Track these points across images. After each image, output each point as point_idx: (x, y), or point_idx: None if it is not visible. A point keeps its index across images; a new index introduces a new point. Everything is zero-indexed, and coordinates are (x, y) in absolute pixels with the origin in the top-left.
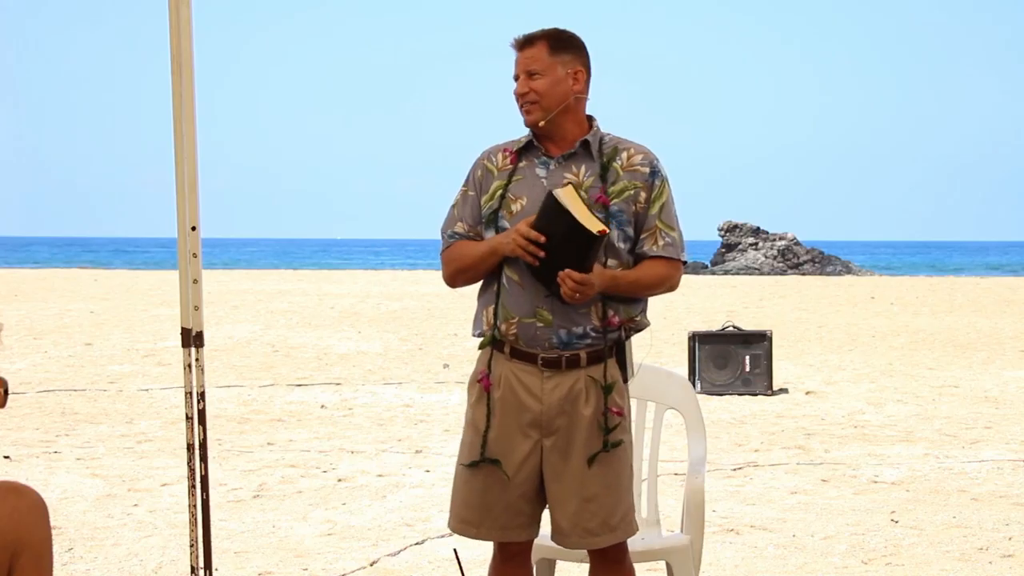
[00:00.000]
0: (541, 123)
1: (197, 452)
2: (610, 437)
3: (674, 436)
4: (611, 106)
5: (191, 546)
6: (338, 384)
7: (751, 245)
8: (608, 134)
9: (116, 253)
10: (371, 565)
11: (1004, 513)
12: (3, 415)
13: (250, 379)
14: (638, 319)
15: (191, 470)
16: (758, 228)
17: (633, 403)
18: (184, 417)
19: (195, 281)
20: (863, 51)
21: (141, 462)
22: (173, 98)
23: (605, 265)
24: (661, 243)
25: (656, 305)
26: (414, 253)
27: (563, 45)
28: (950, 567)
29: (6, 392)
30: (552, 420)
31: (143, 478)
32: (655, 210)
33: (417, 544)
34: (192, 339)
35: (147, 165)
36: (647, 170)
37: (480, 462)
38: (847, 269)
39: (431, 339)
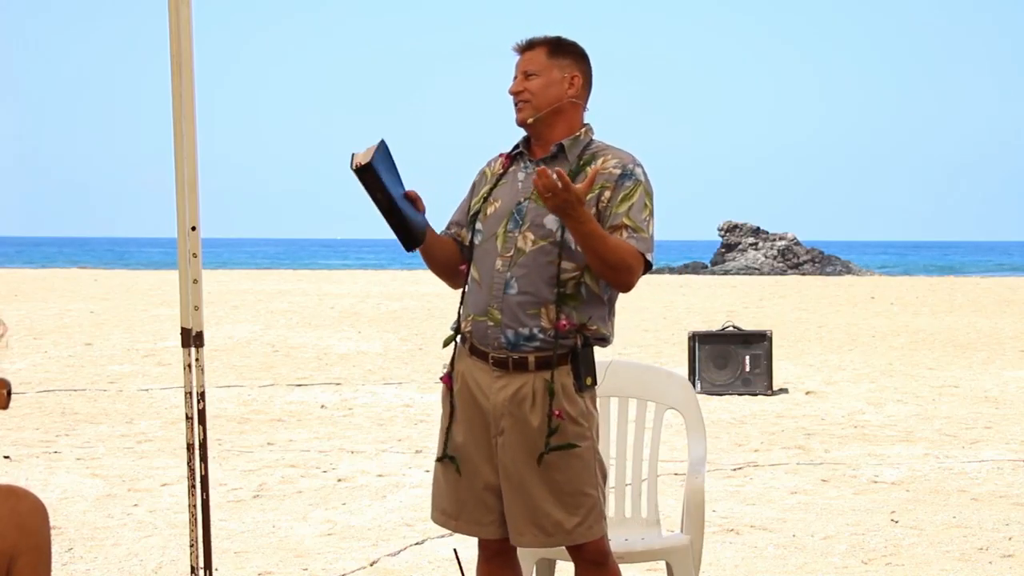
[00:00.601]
0: (530, 120)
1: (197, 452)
2: (552, 439)
3: (674, 436)
4: (611, 106)
5: (191, 546)
6: (338, 384)
7: (751, 245)
8: (600, 143)
9: (117, 254)
10: (371, 565)
11: (1004, 513)
12: (3, 415)
13: (250, 379)
14: (592, 327)
15: (191, 470)
16: (758, 228)
17: (633, 403)
18: (184, 417)
19: (195, 281)
20: (863, 51)
21: (141, 462)
22: (173, 98)
23: (559, 268)
24: (626, 236)
25: (656, 306)
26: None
27: (562, 50)
28: (950, 567)
29: (9, 394)
30: (499, 420)
31: (143, 478)
32: (622, 208)
33: (417, 544)
34: (192, 339)
35: (147, 165)
36: (617, 172)
37: (443, 458)
38: (847, 269)
39: (431, 339)
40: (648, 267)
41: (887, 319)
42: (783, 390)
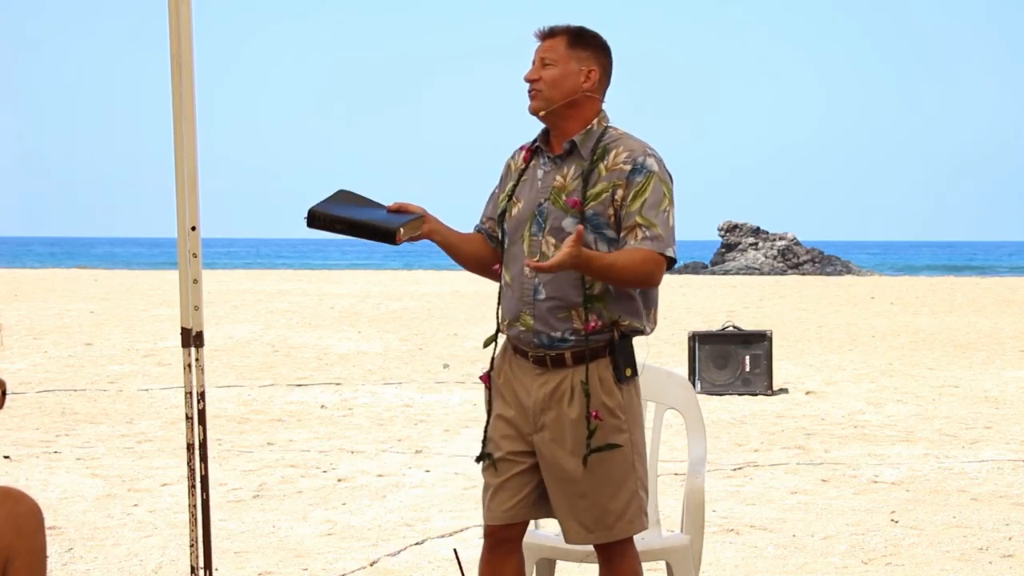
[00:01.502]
0: (542, 112)
1: (197, 452)
2: (592, 440)
3: (674, 436)
4: (612, 106)
5: (191, 546)
6: (338, 384)
7: (751, 245)
8: (615, 132)
9: (116, 254)
10: (371, 565)
11: (1004, 513)
12: (3, 415)
13: (250, 379)
14: (624, 323)
15: (191, 470)
16: (758, 228)
17: None
18: (184, 417)
19: (195, 281)
20: (863, 51)
21: (141, 462)
22: (173, 98)
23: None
24: (640, 236)
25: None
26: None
27: (583, 42)
28: (950, 567)
29: (4, 394)
30: (539, 416)
31: (143, 478)
32: (635, 206)
33: (417, 544)
34: (192, 339)
35: (147, 165)
36: (628, 167)
37: (482, 458)
38: (847, 269)
39: (431, 339)
40: (672, 263)
41: (887, 319)
42: (783, 390)
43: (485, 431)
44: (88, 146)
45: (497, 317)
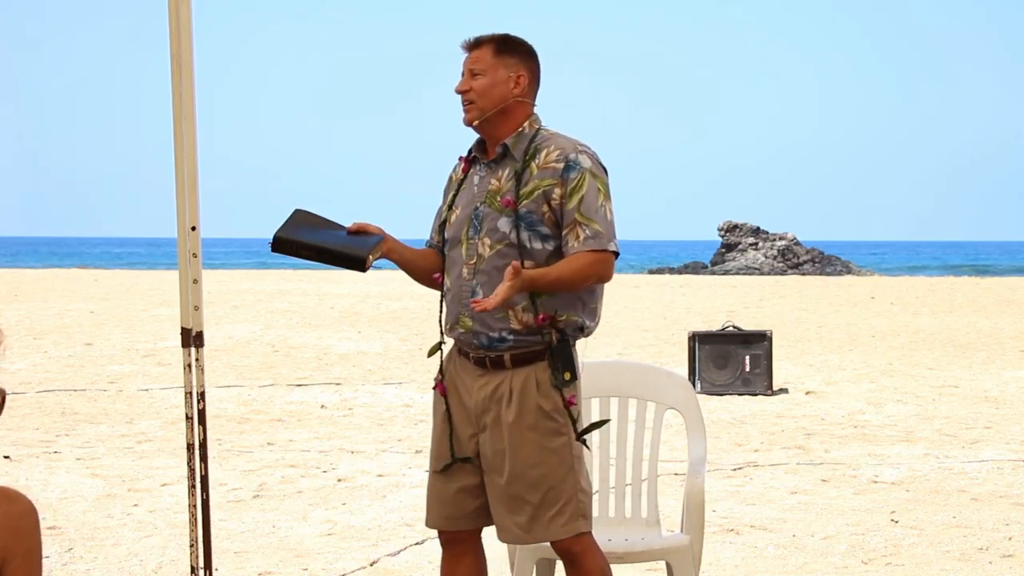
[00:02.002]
0: (476, 122)
1: (197, 452)
2: (525, 437)
3: (674, 436)
4: (611, 106)
5: (191, 546)
6: (338, 384)
7: (751, 245)
8: (546, 132)
9: (116, 254)
10: (371, 565)
11: (1004, 513)
12: (3, 415)
13: (250, 379)
14: (562, 317)
15: (191, 470)
16: (758, 228)
17: (633, 403)
18: (184, 417)
19: (195, 281)
20: (863, 51)
21: (141, 462)
22: (173, 98)
23: (523, 266)
24: (582, 236)
25: (656, 306)
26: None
27: (509, 49)
28: (950, 567)
29: (2, 401)
30: (480, 417)
31: (143, 478)
32: (573, 204)
33: (417, 544)
34: (192, 339)
35: (147, 165)
36: (561, 165)
37: (453, 463)
38: (847, 269)
39: (431, 339)
40: (616, 255)
41: (887, 319)
42: (783, 390)
43: (451, 439)
44: (88, 146)
45: (440, 324)
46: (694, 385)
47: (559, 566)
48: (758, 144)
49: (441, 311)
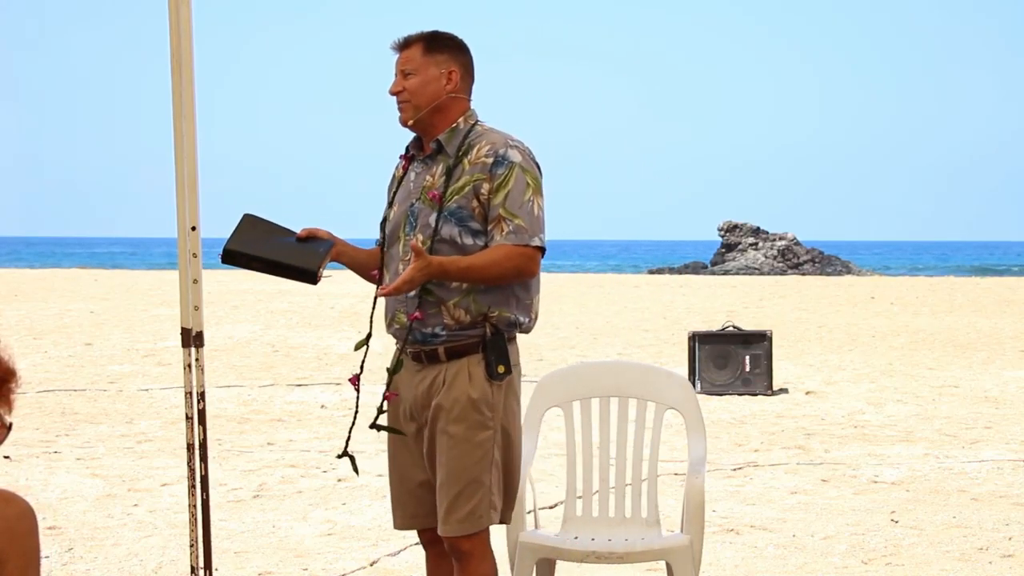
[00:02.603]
0: (410, 121)
1: (197, 452)
2: (450, 428)
3: (674, 436)
4: (611, 105)
5: (191, 546)
6: (338, 384)
7: (751, 245)
8: (481, 128)
9: (116, 254)
10: (371, 565)
11: (1004, 513)
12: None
13: (250, 379)
14: (494, 314)
15: (191, 470)
16: (758, 228)
17: (633, 403)
18: (184, 417)
19: (195, 281)
20: (863, 51)
21: (141, 462)
22: (173, 98)
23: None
24: (504, 231)
25: (656, 306)
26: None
27: (438, 46)
28: (950, 567)
29: (8, 429)
30: (420, 411)
31: (143, 478)
32: (499, 198)
33: (417, 544)
34: (192, 339)
35: (147, 165)
36: (490, 160)
37: (343, 456)
38: (847, 269)
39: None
40: (541, 251)
41: (887, 319)
42: (783, 390)
43: (350, 432)
44: (88, 146)
45: (371, 320)
46: (694, 385)
47: (559, 566)
48: (758, 144)
49: (373, 308)
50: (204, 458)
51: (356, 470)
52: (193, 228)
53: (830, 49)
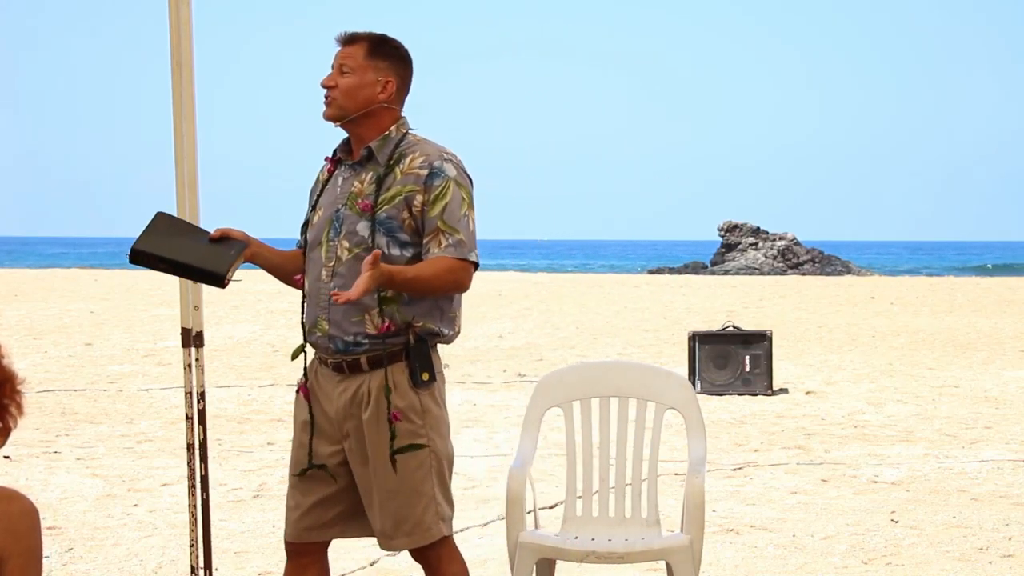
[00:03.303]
0: (336, 123)
1: (197, 452)
2: (394, 443)
3: (674, 436)
4: (611, 105)
5: (191, 546)
6: None
7: (751, 245)
8: (413, 138)
9: (116, 254)
10: (371, 565)
11: (1004, 513)
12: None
13: (250, 379)
14: (419, 323)
15: (191, 470)
16: (758, 228)
17: (633, 403)
18: (184, 417)
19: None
20: (863, 52)
21: (141, 462)
22: (173, 98)
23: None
24: (444, 244)
25: (656, 306)
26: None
27: (382, 52)
28: (950, 567)
29: (8, 434)
30: (343, 424)
31: (143, 478)
32: (436, 211)
33: None
34: (192, 339)
35: (147, 165)
36: (425, 172)
37: (308, 469)
38: (847, 269)
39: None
40: (476, 266)
41: (887, 319)
42: (783, 390)
43: (310, 443)
44: (88, 146)
45: (303, 326)
46: (694, 385)
47: (559, 566)
48: (758, 144)
49: (302, 312)
50: (204, 458)
51: (333, 477)
52: None
53: (830, 49)
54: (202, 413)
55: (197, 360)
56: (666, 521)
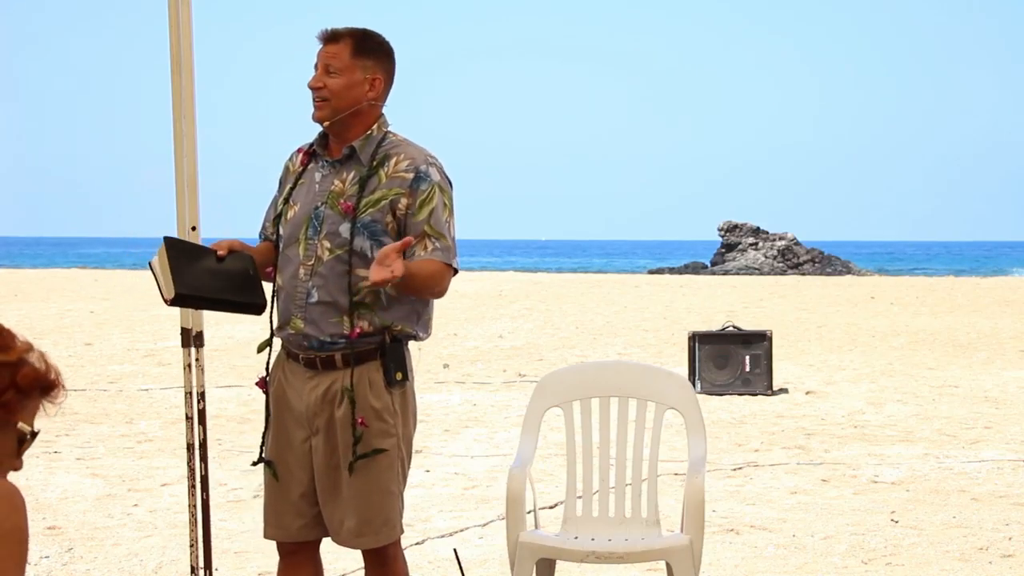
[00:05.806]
0: (326, 122)
1: (197, 452)
2: (358, 447)
3: (674, 436)
4: (611, 105)
5: (191, 546)
6: None
7: (751, 245)
8: (395, 138)
9: (116, 255)
10: None
11: (1004, 513)
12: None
13: (250, 379)
14: (397, 328)
15: (191, 470)
16: (758, 228)
17: (633, 403)
18: (184, 417)
19: None
20: (863, 51)
21: (141, 462)
22: (173, 98)
23: (352, 276)
24: (430, 248)
25: (656, 306)
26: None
27: (367, 49)
28: (950, 567)
29: (33, 438)
30: (313, 419)
31: (143, 478)
32: (422, 215)
33: (417, 544)
34: (192, 339)
35: (147, 165)
36: (411, 176)
37: (258, 462)
38: (847, 269)
39: (431, 339)
40: (455, 272)
41: (887, 319)
42: (783, 390)
43: (263, 437)
44: (89, 146)
45: (270, 321)
46: (694, 385)
47: (559, 566)
48: (758, 144)
49: (274, 306)
50: (204, 458)
51: (276, 476)
52: (193, 228)
53: (830, 49)
54: (202, 413)
55: (197, 360)
56: (666, 521)
